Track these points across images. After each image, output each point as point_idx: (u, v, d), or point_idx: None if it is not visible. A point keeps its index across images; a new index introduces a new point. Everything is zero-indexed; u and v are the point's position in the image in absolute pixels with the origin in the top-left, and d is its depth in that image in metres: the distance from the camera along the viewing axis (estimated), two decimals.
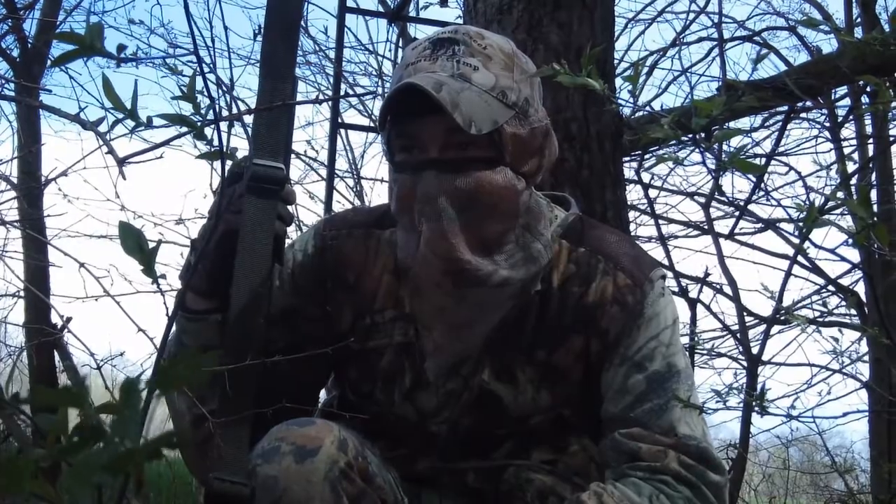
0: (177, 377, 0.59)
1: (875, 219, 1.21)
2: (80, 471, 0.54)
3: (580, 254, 1.60)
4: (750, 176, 4.13)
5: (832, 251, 4.60)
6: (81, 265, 1.92)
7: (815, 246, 4.20)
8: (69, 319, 3.29)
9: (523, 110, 1.52)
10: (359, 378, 1.65)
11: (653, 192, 4.46)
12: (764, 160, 4.57)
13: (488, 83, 1.49)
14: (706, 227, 4.11)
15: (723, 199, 4.65)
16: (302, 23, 4.93)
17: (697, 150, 3.97)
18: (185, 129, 1.17)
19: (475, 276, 1.48)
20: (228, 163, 1.47)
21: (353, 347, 1.61)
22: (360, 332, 1.63)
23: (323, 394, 1.80)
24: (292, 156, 1.58)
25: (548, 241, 1.56)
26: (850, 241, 4.16)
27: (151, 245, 1.05)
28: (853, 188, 4.26)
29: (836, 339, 3.76)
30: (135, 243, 1.02)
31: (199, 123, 1.03)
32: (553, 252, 1.58)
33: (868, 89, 4.79)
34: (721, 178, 3.90)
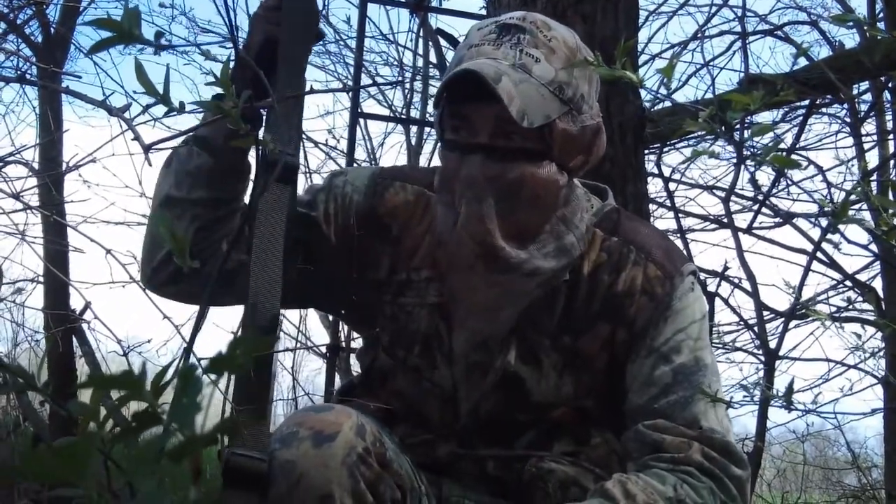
0: (229, 363, 0.59)
1: None
2: (143, 457, 0.54)
3: (613, 243, 1.61)
4: (770, 170, 4.11)
5: (865, 247, 4.59)
6: (108, 251, 1.93)
7: (847, 240, 4.17)
8: (88, 304, 3.30)
9: (577, 106, 1.52)
10: (392, 342, 1.66)
11: (671, 185, 4.45)
12: (784, 154, 4.55)
13: (547, 76, 1.49)
14: (725, 220, 4.10)
15: (743, 192, 4.63)
16: (323, 12, 4.93)
17: (730, 144, 3.95)
18: (210, 116, 1.17)
19: (507, 263, 1.49)
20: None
21: (384, 300, 1.64)
22: (394, 287, 1.64)
23: (337, 382, 1.80)
24: (311, 145, 1.59)
25: (582, 233, 1.57)
26: (871, 238, 4.15)
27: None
28: (873, 184, 4.23)
29: (859, 336, 3.74)
30: (168, 231, 1.03)
31: (233, 109, 1.03)
32: (586, 241, 1.59)
33: (890, 85, 4.76)
34: (751, 171, 3.87)
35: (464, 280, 1.54)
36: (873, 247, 4.67)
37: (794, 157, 4.60)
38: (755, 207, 4.33)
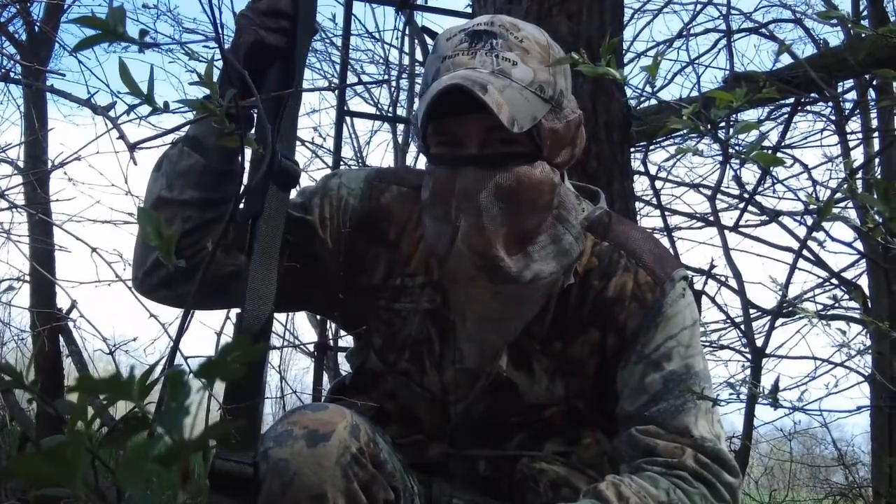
0: (222, 369, 0.58)
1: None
2: (134, 462, 0.54)
3: (603, 248, 1.60)
4: (755, 168, 4.13)
5: (850, 245, 4.61)
6: (94, 250, 1.92)
7: (831, 238, 4.19)
8: (74, 303, 3.29)
9: (558, 103, 1.52)
10: (384, 346, 1.65)
11: (657, 183, 4.46)
12: (769, 152, 4.55)
13: (527, 78, 1.48)
14: (711, 218, 4.11)
15: (728, 190, 4.65)
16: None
17: (716, 142, 3.96)
18: (196, 116, 1.16)
19: (507, 275, 1.48)
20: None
21: (379, 305, 1.63)
22: (389, 292, 1.63)
23: (325, 380, 1.80)
24: (297, 143, 1.60)
25: (579, 232, 1.55)
26: (857, 236, 4.16)
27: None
28: (858, 182, 4.25)
29: (844, 332, 3.76)
30: (154, 229, 1.02)
31: (219, 109, 1.03)
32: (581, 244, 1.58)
33: (874, 83, 4.78)
34: (736, 169, 3.89)
35: (467, 293, 1.52)
36: (859, 244, 4.69)
37: (779, 155, 4.61)
38: (741, 205, 4.35)
